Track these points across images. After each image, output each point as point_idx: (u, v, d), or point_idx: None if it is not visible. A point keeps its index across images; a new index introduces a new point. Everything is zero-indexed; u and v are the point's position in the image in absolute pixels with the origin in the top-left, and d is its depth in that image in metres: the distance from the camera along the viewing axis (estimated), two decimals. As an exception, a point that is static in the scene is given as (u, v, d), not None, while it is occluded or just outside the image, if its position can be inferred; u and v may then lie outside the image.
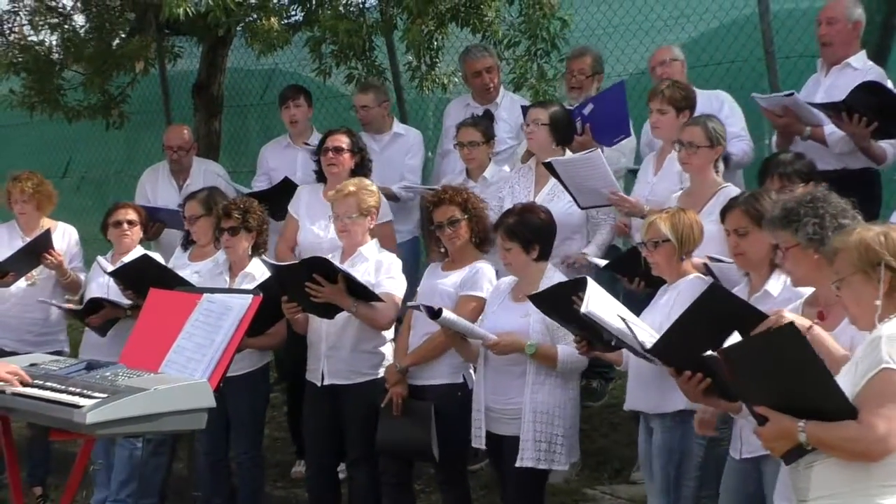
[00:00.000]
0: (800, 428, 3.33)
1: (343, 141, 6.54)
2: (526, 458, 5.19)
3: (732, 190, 5.43)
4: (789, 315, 3.77)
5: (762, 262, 4.56)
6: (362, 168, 6.51)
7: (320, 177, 6.68)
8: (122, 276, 6.29)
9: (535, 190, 6.30)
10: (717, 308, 3.94)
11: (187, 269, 6.35)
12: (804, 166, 5.27)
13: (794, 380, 3.34)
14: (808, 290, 4.12)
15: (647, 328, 4.59)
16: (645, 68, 7.79)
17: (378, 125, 7.37)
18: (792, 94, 6.03)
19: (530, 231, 5.33)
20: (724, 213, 4.76)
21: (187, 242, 6.67)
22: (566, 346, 5.16)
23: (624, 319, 4.46)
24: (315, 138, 7.43)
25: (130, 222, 6.72)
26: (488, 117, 6.95)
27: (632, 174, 6.65)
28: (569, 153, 6.22)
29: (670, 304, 4.83)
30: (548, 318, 5.12)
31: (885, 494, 3.32)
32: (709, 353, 3.61)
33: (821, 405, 3.32)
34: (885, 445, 3.26)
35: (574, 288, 4.70)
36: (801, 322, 3.73)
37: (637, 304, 5.44)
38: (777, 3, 7.18)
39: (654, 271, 5.03)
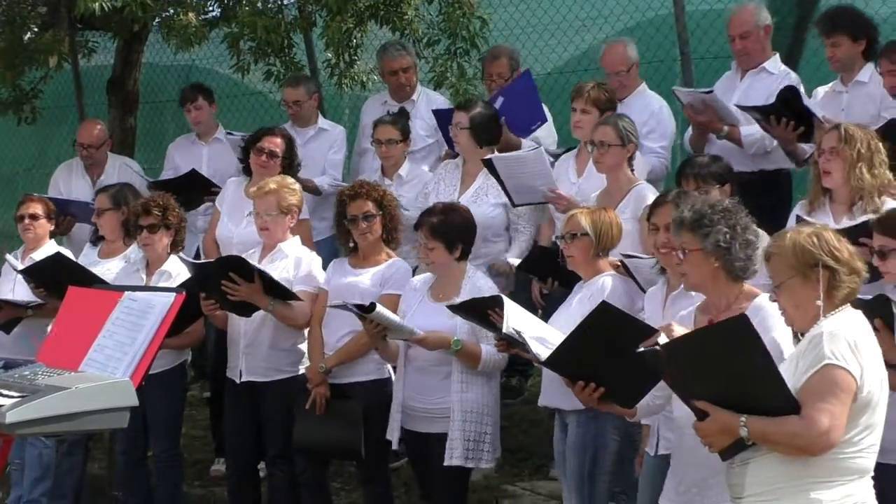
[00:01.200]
0: (741, 423, 3.38)
1: (278, 145, 6.48)
2: (455, 457, 5.20)
3: (646, 187, 5.53)
4: (678, 329, 3.84)
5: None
6: (291, 170, 6.47)
7: (247, 170, 6.63)
8: (33, 274, 6.19)
9: (460, 189, 6.32)
10: (607, 324, 4.00)
11: (99, 266, 6.27)
12: (720, 168, 5.34)
13: (738, 374, 3.37)
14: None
15: (553, 333, 4.63)
16: (562, 66, 7.90)
17: (306, 119, 7.35)
18: (711, 91, 6.14)
19: (454, 230, 5.35)
20: (653, 208, 4.81)
21: (97, 238, 6.58)
22: (489, 346, 5.19)
23: (519, 332, 4.50)
24: (220, 132, 7.41)
25: (33, 216, 6.63)
26: (404, 115, 6.96)
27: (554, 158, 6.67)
28: (495, 151, 6.27)
29: (584, 302, 4.89)
30: None
31: (819, 488, 3.38)
32: (648, 348, 3.65)
33: (764, 400, 3.36)
34: (827, 440, 3.32)
35: (491, 303, 4.77)
36: (676, 330, 3.80)
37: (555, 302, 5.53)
38: (692, 5, 7.30)
39: (569, 265, 5.08)
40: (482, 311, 4.82)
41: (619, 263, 5.10)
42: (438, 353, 5.25)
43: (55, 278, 5.99)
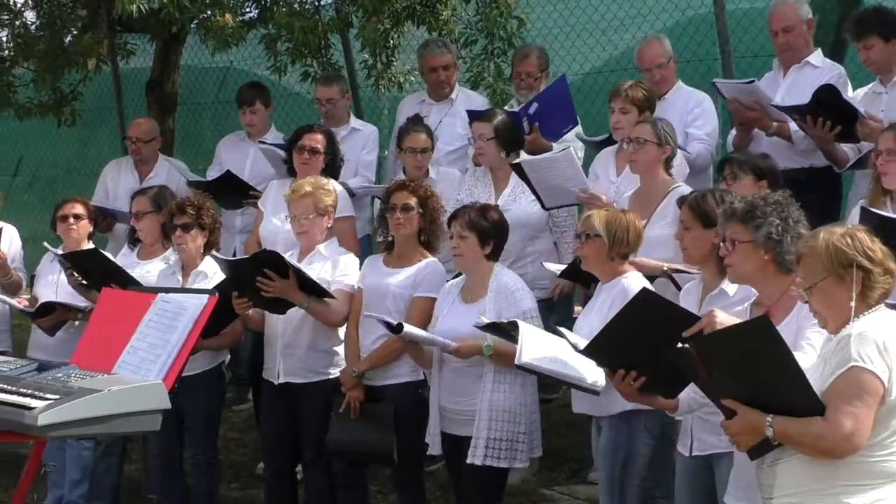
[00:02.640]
0: (767, 422, 3.35)
1: (319, 142, 6.45)
2: (477, 456, 5.16)
3: (684, 189, 5.44)
4: (721, 315, 3.80)
5: (702, 259, 4.57)
6: (332, 168, 6.46)
7: (291, 170, 6.61)
8: (73, 260, 6.22)
9: (495, 194, 6.28)
10: (648, 311, 3.95)
11: (138, 268, 6.27)
12: (763, 163, 5.32)
13: (764, 374, 3.34)
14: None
15: (573, 355, 4.58)
16: (601, 66, 7.83)
17: (338, 118, 7.33)
18: (753, 81, 6.04)
19: (489, 225, 5.32)
20: (680, 203, 4.82)
21: (134, 240, 6.59)
22: None
23: (531, 365, 4.46)
24: (272, 135, 7.40)
25: (77, 216, 6.64)
26: (418, 121, 6.89)
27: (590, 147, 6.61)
28: (523, 155, 6.22)
29: (608, 305, 4.82)
30: (503, 313, 5.09)
31: (850, 493, 3.33)
32: (679, 348, 3.62)
33: (789, 400, 3.33)
34: (851, 443, 3.28)
35: (510, 329, 4.74)
36: (727, 320, 3.76)
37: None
38: (732, 3, 7.23)
39: (582, 265, 5.03)
40: (505, 333, 4.82)
41: (663, 271, 5.06)
42: (474, 358, 5.20)
43: (91, 271, 6.03)
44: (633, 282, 4.83)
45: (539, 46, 7.17)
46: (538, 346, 4.62)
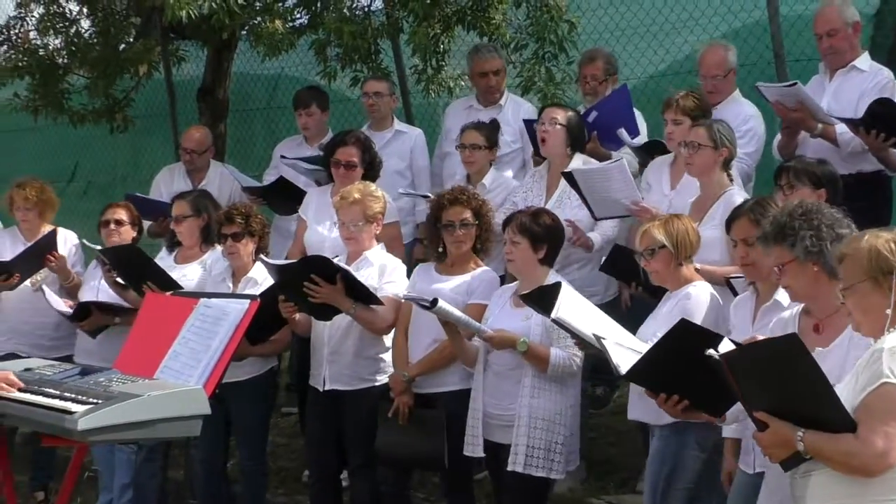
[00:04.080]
0: (798, 437, 3.29)
1: (354, 154, 6.44)
2: (517, 463, 5.11)
3: (737, 192, 5.35)
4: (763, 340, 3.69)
5: (770, 274, 4.38)
6: (371, 174, 6.44)
7: (330, 177, 6.61)
8: (112, 256, 6.24)
9: (546, 196, 6.24)
10: (688, 340, 3.87)
11: (175, 272, 6.26)
12: (821, 171, 5.20)
13: (793, 389, 3.28)
14: None
15: (632, 342, 4.49)
16: (653, 71, 7.73)
17: (383, 118, 7.32)
18: (795, 83, 5.94)
19: (541, 231, 5.29)
20: (730, 221, 4.68)
21: (172, 244, 6.61)
22: (560, 351, 5.10)
23: (600, 338, 4.38)
24: (328, 138, 7.41)
25: (118, 222, 6.68)
26: (495, 126, 6.88)
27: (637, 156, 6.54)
28: (580, 159, 6.14)
29: (673, 314, 4.74)
30: (547, 320, 5.03)
31: None
32: (711, 353, 3.54)
33: (820, 416, 3.27)
34: (883, 462, 3.20)
35: (553, 291, 4.64)
36: None
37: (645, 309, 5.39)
38: (786, 7, 7.11)
39: (653, 280, 4.96)
40: (549, 303, 4.66)
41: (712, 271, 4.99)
42: (514, 357, 5.15)
43: (130, 270, 6.04)
44: (699, 291, 4.77)
45: (607, 52, 7.10)
46: (576, 309, 4.54)
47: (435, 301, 5.07)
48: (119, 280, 6.28)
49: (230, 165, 8.13)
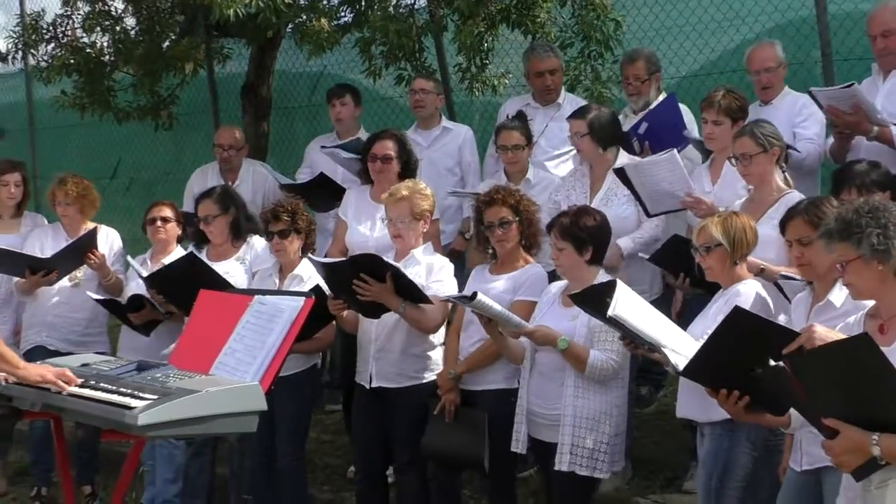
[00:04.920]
0: (873, 441, 3.21)
1: (390, 148, 6.47)
2: (563, 462, 5.10)
3: (795, 196, 5.31)
4: (820, 330, 3.68)
5: (829, 272, 4.35)
6: (409, 171, 6.46)
7: (366, 177, 6.63)
8: (156, 280, 6.23)
9: (590, 195, 6.24)
10: (743, 329, 3.84)
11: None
12: (881, 176, 5.14)
13: (866, 391, 3.21)
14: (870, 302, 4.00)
15: (686, 340, 4.48)
16: (698, 69, 7.70)
17: (429, 116, 7.33)
18: (852, 84, 5.87)
19: (584, 232, 5.25)
20: (785, 222, 4.66)
21: (199, 242, 6.63)
22: (599, 353, 5.08)
23: (657, 338, 4.36)
24: (361, 134, 7.43)
25: (164, 219, 6.71)
26: (523, 119, 6.87)
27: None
28: (624, 155, 6.14)
29: (721, 312, 4.73)
30: (593, 320, 5.02)
31: None
32: (774, 365, 3.51)
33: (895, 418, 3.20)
34: None
35: (607, 290, 4.58)
36: (827, 334, 3.64)
37: (688, 305, 5.38)
38: (835, 4, 7.06)
39: (707, 277, 4.93)
40: (601, 302, 4.61)
41: (760, 269, 4.95)
42: (559, 357, 5.14)
43: (179, 284, 6.01)
44: (748, 289, 4.74)
45: (649, 51, 7.07)
46: (633, 307, 4.49)
47: (474, 295, 5.06)
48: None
49: (266, 164, 8.16)
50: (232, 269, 6.31)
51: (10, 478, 7.54)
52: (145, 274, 6.28)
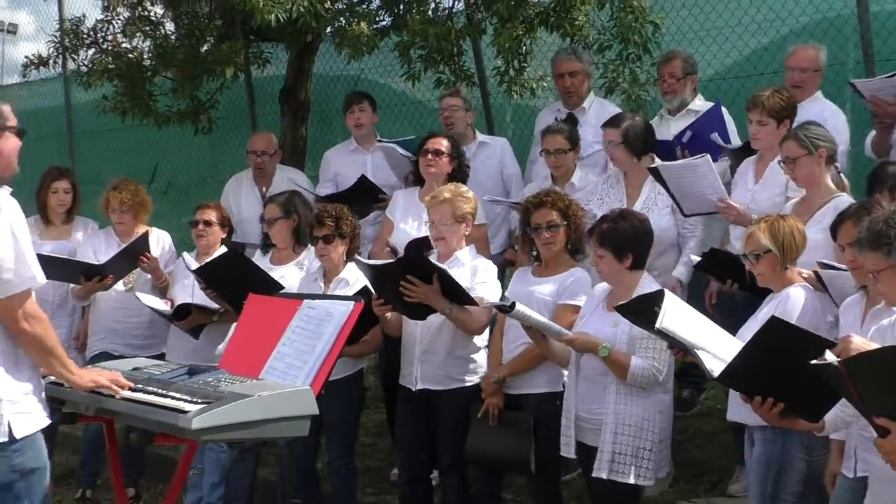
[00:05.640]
0: None
1: (443, 144, 6.56)
2: (601, 469, 5.09)
3: (845, 199, 5.29)
4: (857, 340, 3.67)
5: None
6: (459, 173, 6.48)
7: (417, 179, 6.64)
8: (205, 274, 6.29)
9: (627, 203, 6.23)
10: (780, 339, 3.83)
11: (272, 273, 6.29)
12: None
13: None
14: None
15: (735, 346, 4.46)
16: (738, 70, 7.67)
17: (461, 132, 7.31)
18: (895, 74, 5.85)
19: (623, 238, 5.22)
20: (836, 226, 4.65)
21: (266, 245, 6.67)
22: (640, 360, 5.05)
23: (694, 346, 4.35)
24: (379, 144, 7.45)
25: (207, 223, 6.76)
26: (572, 122, 6.89)
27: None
28: (656, 160, 6.15)
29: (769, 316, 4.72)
30: (635, 327, 5.00)
31: None
32: (828, 360, 3.51)
33: None
34: None
35: (655, 300, 4.58)
36: (865, 345, 3.62)
37: (736, 309, 5.36)
38: (877, 4, 7.02)
39: (759, 283, 4.91)
40: (650, 313, 4.61)
41: (812, 272, 4.91)
42: (602, 362, 5.12)
43: (227, 280, 6.09)
44: (797, 292, 4.73)
45: (686, 53, 7.09)
46: (681, 316, 4.48)
47: (512, 305, 5.06)
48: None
49: (300, 175, 8.15)
50: (287, 274, 6.33)
51: (54, 480, 7.58)
52: (194, 267, 6.33)
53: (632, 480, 5.08)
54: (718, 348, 4.36)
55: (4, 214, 3.96)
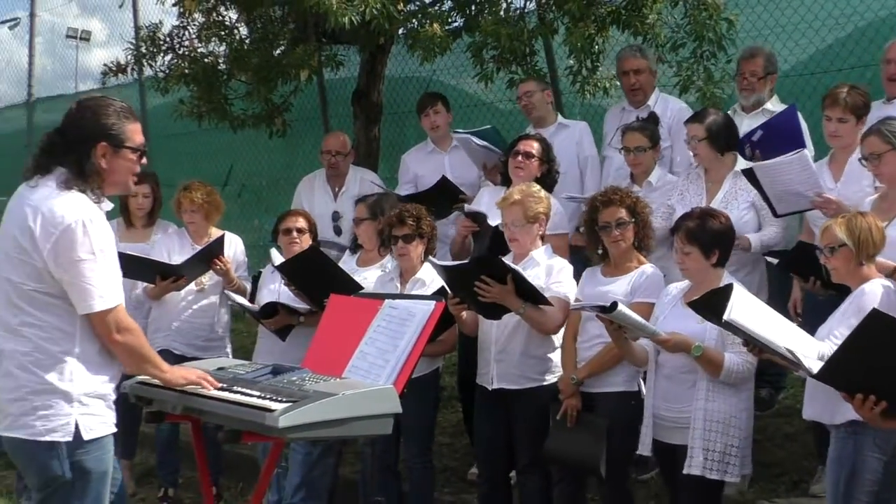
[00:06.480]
0: None
1: (534, 147, 6.56)
2: (693, 466, 5.07)
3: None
4: None
5: None
6: (549, 177, 6.49)
7: (505, 179, 6.67)
8: (288, 270, 6.34)
9: (707, 198, 6.20)
10: (880, 333, 3.78)
11: (357, 275, 6.34)
12: None
13: None
14: None
15: (808, 341, 4.42)
16: (814, 66, 7.58)
17: (541, 114, 7.36)
18: None
19: (711, 236, 5.24)
20: None
21: (355, 246, 6.72)
22: (734, 355, 5.03)
23: (790, 350, 4.31)
24: (454, 144, 7.46)
25: (300, 230, 6.80)
26: (654, 121, 6.87)
27: None
28: (741, 161, 6.10)
29: (847, 312, 4.68)
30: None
31: None
32: None
33: None
34: None
35: (725, 294, 4.55)
36: None
37: (820, 307, 5.31)
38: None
39: (833, 278, 4.88)
40: (719, 306, 4.60)
41: (893, 268, 4.87)
42: (685, 360, 5.12)
43: (308, 277, 6.14)
44: (873, 287, 4.68)
45: (768, 50, 7.03)
46: (750, 310, 4.46)
47: (614, 305, 5.04)
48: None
49: (373, 174, 8.21)
50: (371, 277, 6.37)
51: (136, 479, 7.72)
52: (278, 263, 6.39)
53: (721, 477, 5.09)
54: (790, 341, 4.33)
55: (91, 232, 4.03)
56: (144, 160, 4.33)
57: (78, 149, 4.13)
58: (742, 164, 6.21)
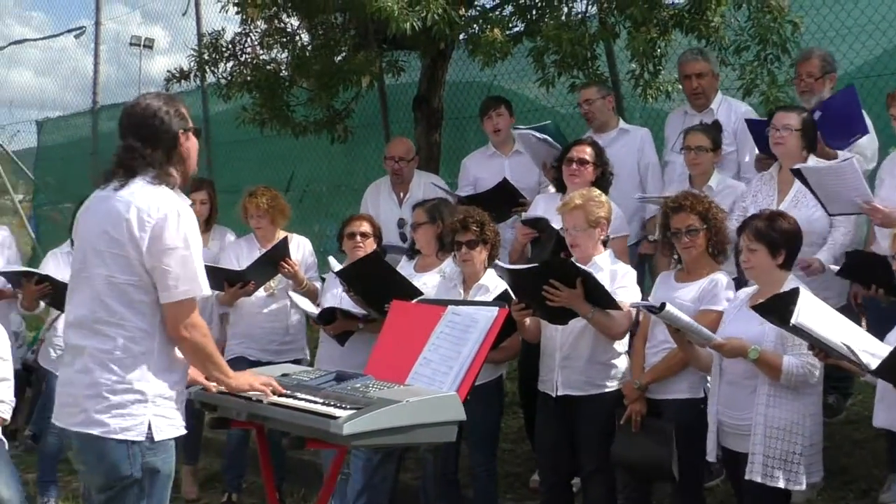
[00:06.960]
0: None
1: (587, 153, 6.53)
2: (754, 472, 5.00)
3: None
4: None
5: None
6: (603, 180, 6.45)
7: (559, 185, 6.64)
8: (347, 276, 6.35)
9: (777, 198, 6.12)
10: None
11: (415, 280, 6.35)
12: None
13: None
14: None
15: (877, 345, 4.35)
16: (881, 68, 7.47)
17: (602, 120, 7.33)
18: None
19: (779, 235, 5.18)
20: None
21: (413, 252, 6.72)
22: (794, 359, 4.96)
23: (847, 345, 4.24)
24: (518, 145, 7.43)
25: (364, 234, 6.81)
26: (717, 127, 6.81)
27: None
28: (812, 159, 6.02)
29: None
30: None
31: None
32: None
33: None
34: None
35: (791, 298, 4.50)
36: None
37: (883, 317, 5.23)
38: None
39: None
40: (785, 310, 4.55)
41: None
42: (748, 365, 5.05)
43: (368, 283, 6.15)
44: None
45: (825, 51, 6.95)
46: (817, 314, 4.41)
47: (663, 305, 5.01)
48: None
49: (439, 178, 8.22)
50: (430, 282, 6.37)
51: (200, 484, 7.78)
52: (337, 269, 6.41)
53: (782, 485, 5.01)
54: (858, 345, 4.27)
55: (182, 223, 4.11)
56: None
57: (165, 143, 4.24)
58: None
